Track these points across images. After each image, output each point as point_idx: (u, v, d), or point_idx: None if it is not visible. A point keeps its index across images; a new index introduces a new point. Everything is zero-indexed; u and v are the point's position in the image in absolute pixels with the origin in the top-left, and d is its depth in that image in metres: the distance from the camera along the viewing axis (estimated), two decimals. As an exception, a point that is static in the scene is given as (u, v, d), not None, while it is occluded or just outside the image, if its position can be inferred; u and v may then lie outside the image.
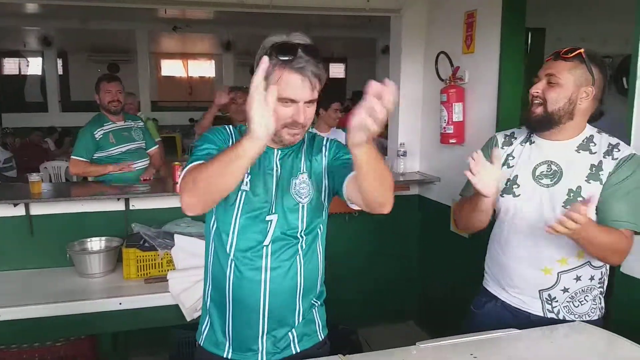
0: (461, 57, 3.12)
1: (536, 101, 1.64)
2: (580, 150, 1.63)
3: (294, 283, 1.46)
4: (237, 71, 14.16)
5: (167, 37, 13.46)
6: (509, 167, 1.74)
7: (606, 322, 1.74)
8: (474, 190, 1.59)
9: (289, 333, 1.50)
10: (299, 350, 1.51)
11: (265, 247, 1.43)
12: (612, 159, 1.58)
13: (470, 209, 1.73)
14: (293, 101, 1.32)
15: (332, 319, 1.67)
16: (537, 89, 1.63)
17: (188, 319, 2.53)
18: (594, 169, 1.59)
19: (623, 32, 2.30)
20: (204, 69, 15.88)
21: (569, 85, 1.58)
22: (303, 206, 1.45)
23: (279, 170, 1.45)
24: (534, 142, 1.72)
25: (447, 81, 3.15)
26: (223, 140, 1.44)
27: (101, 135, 3.40)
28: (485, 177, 1.55)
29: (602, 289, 1.73)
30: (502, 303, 1.79)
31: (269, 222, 1.42)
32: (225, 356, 1.50)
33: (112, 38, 12.76)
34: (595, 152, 1.61)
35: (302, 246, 1.47)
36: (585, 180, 1.59)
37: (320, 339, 1.57)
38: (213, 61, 15.50)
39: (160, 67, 15.54)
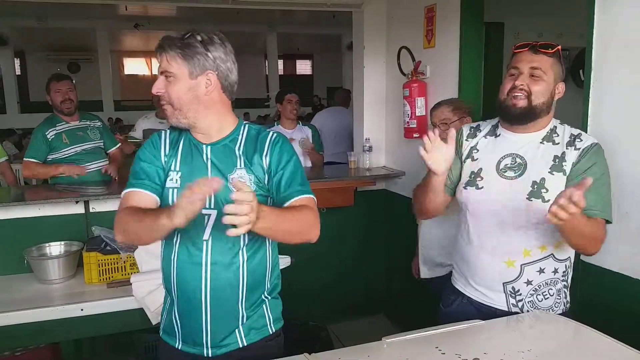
0: (422, 51, 3.14)
1: (519, 94, 1.60)
2: (545, 142, 1.64)
3: (235, 278, 1.49)
4: (202, 69, 13.96)
5: (128, 35, 13.22)
6: (472, 160, 1.74)
7: (571, 314, 1.75)
8: (426, 168, 1.65)
9: (234, 329, 1.52)
10: (245, 344, 1.53)
11: (205, 242, 1.46)
12: (575, 149, 1.60)
13: (423, 190, 1.77)
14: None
15: (302, 316, 1.67)
16: (523, 81, 1.60)
17: (153, 322, 2.47)
18: (557, 160, 1.61)
19: (578, 26, 2.35)
20: (168, 67, 15.61)
21: (550, 80, 1.60)
22: None
23: (212, 165, 1.48)
24: (499, 134, 1.72)
25: (409, 76, 3.17)
26: (154, 155, 1.52)
27: (53, 136, 3.30)
28: (438, 155, 1.61)
29: (566, 283, 1.73)
30: (468, 299, 1.80)
31: (206, 217, 1.45)
32: (177, 347, 1.56)
33: (71, 36, 12.46)
34: (559, 143, 1.63)
35: (244, 241, 1.49)
36: (549, 172, 1.60)
37: (271, 332, 1.59)
38: (177, 59, 15.25)
39: (122, 66, 15.25)
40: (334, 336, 3.32)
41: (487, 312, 1.73)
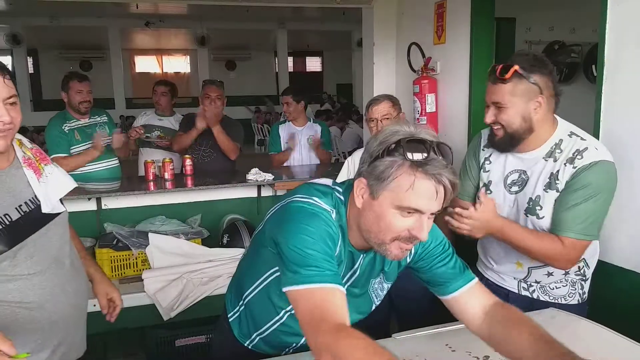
0: (432, 47, 3.12)
1: (495, 126, 1.63)
2: (547, 158, 1.61)
3: None
4: (213, 66, 14.04)
5: (140, 33, 13.30)
6: (484, 171, 1.77)
7: (588, 305, 1.77)
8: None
9: None
10: None
11: None
12: (573, 167, 1.54)
13: None
14: (417, 211, 1.10)
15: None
16: (490, 118, 1.63)
17: (165, 318, 2.50)
18: (551, 177, 1.59)
19: (591, 20, 2.32)
20: (179, 64, 15.73)
21: (516, 105, 1.56)
22: None
23: None
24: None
25: (420, 72, 3.16)
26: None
27: (67, 131, 3.33)
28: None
29: (582, 277, 1.73)
30: (487, 281, 1.84)
31: None
32: None
33: (83, 35, 12.55)
34: (558, 160, 1.59)
35: None
36: (544, 190, 1.60)
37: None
38: (188, 57, 15.37)
39: (134, 64, 15.34)
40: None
41: (501, 294, 1.74)
